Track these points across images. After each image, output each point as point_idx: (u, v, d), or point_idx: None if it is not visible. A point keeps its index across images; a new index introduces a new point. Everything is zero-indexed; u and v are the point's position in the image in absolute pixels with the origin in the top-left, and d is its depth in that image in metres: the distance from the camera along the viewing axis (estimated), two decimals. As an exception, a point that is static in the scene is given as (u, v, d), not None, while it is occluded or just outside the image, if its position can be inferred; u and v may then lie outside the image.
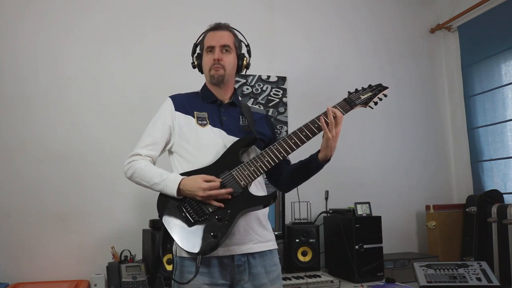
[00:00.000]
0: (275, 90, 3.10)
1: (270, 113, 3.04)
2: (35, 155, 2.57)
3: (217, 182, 1.51)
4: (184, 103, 1.69)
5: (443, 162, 3.46)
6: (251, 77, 3.04)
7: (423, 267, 2.47)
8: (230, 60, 1.69)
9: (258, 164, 1.55)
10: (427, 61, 3.54)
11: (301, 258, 2.65)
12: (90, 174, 2.64)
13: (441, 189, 3.41)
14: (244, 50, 1.79)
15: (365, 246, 2.58)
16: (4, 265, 2.45)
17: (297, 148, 1.57)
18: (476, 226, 2.93)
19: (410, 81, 3.46)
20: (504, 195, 2.96)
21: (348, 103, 1.64)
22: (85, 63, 2.72)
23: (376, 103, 1.70)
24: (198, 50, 1.78)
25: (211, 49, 1.68)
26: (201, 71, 1.77)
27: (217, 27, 1.72)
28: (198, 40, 1.77)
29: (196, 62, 1.77)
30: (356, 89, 1.70)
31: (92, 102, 2.70)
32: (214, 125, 1.65)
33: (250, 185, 1.55)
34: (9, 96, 2.58)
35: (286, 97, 3.11)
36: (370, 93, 1.69)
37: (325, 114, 1.56)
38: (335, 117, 1.54)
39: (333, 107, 1.60)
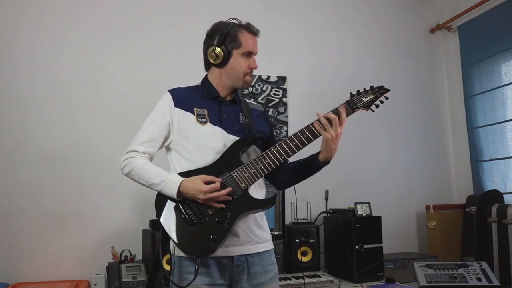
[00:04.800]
0: (275, 90, 3.10)
1: (270, 113, 3.04)
2: (34, 156, 2.57)
3: (217, 183, 1.49)
4: (183, 98, 1.63)
5: (443, 162, 3.46)
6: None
7: (423, 267, 2.47)
8: None
9: (259, 166, 1.54)
10: (427, 61, 3.54)
11: (301, 258, 2.64)
12: (89, 175, 2.64)
13: (441, 189, 3.41)
14: None
15: (365, 246, 2.58)
16: (3, 265, 2.45)
17: (298, 150, 1.56)
18: (476, 226, 2.93)
19: (410, 81, 3.46)
20: (504, 195, 2.96)
21: (350, 106, 1.60)
22: (83, 64, 2.71)
23: (377, 106, 1.66)
24: (224, 41, 1.62)
25: (249, 54, 1.64)
26: (220, 64, 1.63)
27: (256, 32, 1.67)
28: (228, 31, 1.62)
29: (222, 54, 1.61)
30: (358, 91, 1.65)
31: (91, 102, 2.70)
32: (214, 123, 1.61)
33: (250, 187, 1.55)
34: (8, 96, 2.58)
35: (286, 97, 3.11)
36: (372, 96, 1.64)
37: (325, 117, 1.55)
38: (339, 118, 1.53)
39: (335, 109, 1.58)
